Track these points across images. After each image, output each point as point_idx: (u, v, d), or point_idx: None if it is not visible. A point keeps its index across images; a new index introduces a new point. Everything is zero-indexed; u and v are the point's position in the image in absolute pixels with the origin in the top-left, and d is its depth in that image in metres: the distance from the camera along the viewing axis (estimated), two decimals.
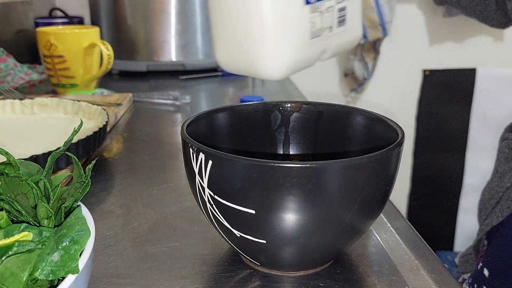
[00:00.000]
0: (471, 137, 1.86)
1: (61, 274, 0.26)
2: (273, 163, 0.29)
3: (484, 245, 0.63)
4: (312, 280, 0.35)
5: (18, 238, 0.26)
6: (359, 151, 0.41)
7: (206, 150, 0.31)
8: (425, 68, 1.80)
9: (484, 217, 0.64)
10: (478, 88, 1.80)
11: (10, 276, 0.25)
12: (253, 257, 0.35)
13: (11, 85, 0.94)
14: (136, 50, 1.05)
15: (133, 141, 0.67)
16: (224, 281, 0.35)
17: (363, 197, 0.31)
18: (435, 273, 0.36)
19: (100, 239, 0.41)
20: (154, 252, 0.39)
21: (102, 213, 0.46)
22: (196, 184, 0.33)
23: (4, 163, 0.31)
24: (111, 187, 0.52)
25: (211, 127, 0.41)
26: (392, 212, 0.46)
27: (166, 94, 0.87)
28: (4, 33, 1.07)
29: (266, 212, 0.31)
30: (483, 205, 0.66)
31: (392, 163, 0.32)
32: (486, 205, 0.65)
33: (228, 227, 0.33)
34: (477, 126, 1.84)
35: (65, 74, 0.86)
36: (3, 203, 0.29)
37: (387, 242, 0.41)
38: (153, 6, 1.02)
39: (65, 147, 0.31)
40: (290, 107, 0.43)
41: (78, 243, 0.27)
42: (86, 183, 0.31)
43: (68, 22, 1.20)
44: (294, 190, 0.29)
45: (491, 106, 1.81)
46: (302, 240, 0.32)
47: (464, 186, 1.91)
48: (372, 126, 0.40)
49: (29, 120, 0.67)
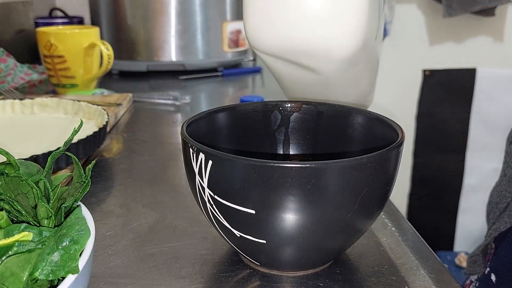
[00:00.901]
0: (471, 137, 1.86)
1: (61, 274, 0.26)
2: (272, 163, 0.29)
3: (492, 249, 0.63)
4: (311, 280, 0.35)
5: (18, 238, 0.26)
6: (359, 151, 0.41)
7: (206, 150, 0.31)
8: (425, 68, 1.80)
9: (492, 221, 0.64)
10: (478, 88, 1.80)
11: (10, 276, 0.25)
12: (253, 257, 0.35)
13: (11, 85, 0.94)
14: (136, 50, 1.05)
15: (133, 141, 0.67)
16: (224, 281, 0.35)
17: (363, 197, 0.31)
18: (435, 273, 0.36)
19: (100, 239, 0.41)
20: (154, 252, 0.39)
21: (102, 213, 0.46)
22: (196, 184, 0.33)
23: (4, 163, 0.31)
24: (111, 187, 0.52)
25: (211, 127, 0.41)
26: (392, 212, 0.46)
27: (166, 94, 0.87)
28: (4, 33, 1.07)
29: (266, 212, 0.31)
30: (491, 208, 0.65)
31: (392, 163, 0.32)
32: (494, 209, 0.64)
33: (228, 227, 0.33)
34: (477, 126, 1.84)
35: (65, 74, 0.86)
36: (3, 203, 0.29)
37: (387, 242, 0.41)
38: (153, 6, 1.02)
39: (65, 147, 0.31)
40: (290, 107, 0.43)
41: (78, 243, 0.27)
42: (86, 183, 0.31)
43: (68, 22, 1.20)
44: (294, 190, 0.30)
45: (491, 106, 1.81)
46: (302, 240, 0.32)
47: (464, 186, 1.91)
48: (372, 126, 0.40)
49: (29, 120, 0.67)
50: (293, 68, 0.49)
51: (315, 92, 0.54)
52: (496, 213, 0.63)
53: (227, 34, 1.08)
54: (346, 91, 0.54)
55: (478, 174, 1.88)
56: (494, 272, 0.58)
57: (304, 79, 0.51)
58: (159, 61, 1.05)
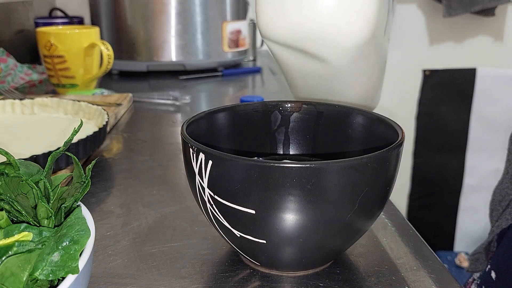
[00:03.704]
0: (471, 137, 1.86)
1: (61, 274, 0.26)
2: (272, 163, 0.29)
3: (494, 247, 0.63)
4: (312, 280, 0.35)
5: (18, 238, 0.26)
6: (359, 151, 0.41)
7: (206, 150, 0.31)
8: (425, 68, 1.80)
9: (495, 219, 0.64)
10: (478, 88, 1.80)
11: (10, 276, 0.25)
12: (253, 257, 0.35)
13: (11, 85, 0.94)
14: (136, 50, 1.05)
15: (133, 141, 0.67)
16: (224, 281, 0.35)
17: (363, 198, 0.31)
18: (435, 273, 0.36)
19: (100, 239, 0.41)
20: (154, 252, 0.39)
21: (102, 213, 0.46)
22: (196, 184, 0.33)
23: (4, 163, 0.31)
24: (111, 187, 0.52)
25: (211, 127, 0.41)
26: (392, 212, 0.46)
27: (166, 94, 0.87)
28: (4, 33, 1.07)
29: (266, 212, 0.31)
30: (494, 206, 0.65)
31: (392, 163, 0.32)
32: (497, 206, 0.64)
33: (228, 227, 0.33)
34: (477, 126, 1.84)
35: (65, 74, 0.86)
36: (3, 203, 0.29)
37: (387, 242, 0.41)
38: (153, 6, 1.02)
39: (65, 147, 0.31)
40: (290, 107, 0.43)
41: (78, 243, 0.27)
42: (86, 183, 0.31)
43: (68, 22, 1.20)
44: (293, 190, 0.30)
45: (491, 106, 1.81)
46: (302, 240, 0.32)
47: (464, 186, 1.91)
48: (372, 126, 0.40)
49: (29, 120, 0.67)
50: (302, 58, 0.49)
51: (322, 86, 0.54)
52: (499, 211, 0.63)
53: (227, 34, 1.08)
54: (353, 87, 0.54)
55: (478, 174, 1.88)
56: (494, 269, 0.58)
57: (313, 70, 0.51)
58: (159, 61, 1.05)
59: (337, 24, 0.44)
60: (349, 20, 0.44)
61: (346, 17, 0.43)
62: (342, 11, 0.43)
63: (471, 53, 1.78)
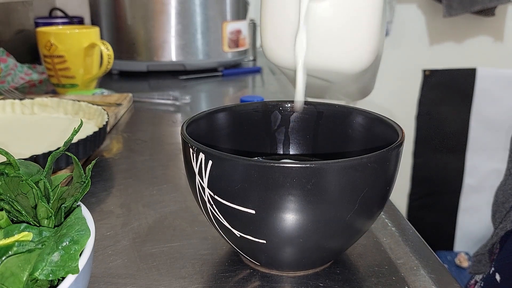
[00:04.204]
0: (471, 137, 1.86)
1: (61, 274, 0.26)
2: (272, 163, 0.29)
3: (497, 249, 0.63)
4: (312, 280, 0.35)
5: (18, 238, 0.26)
6: (359, 151, 0.41)
7: (206, 150, 0.31)
8: (425, 68, 1.80)
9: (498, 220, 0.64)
10: (478, 88, 1.80)
11: (10, 276, 0.25)
12: (253, 257, 0.35)
13: (11, 85, 0.94)
14: (136, 50, 1.05)
15: (133, 141, 0.67)
16: (224, 281, 0.35)
17: (363, 198, 0.31)
18: (435, 273, 0.36)
19: (100, 239, 0.41)
20: (154, 252, 0.39)
21: (102, 213, 0.46)
22: (196, 184, 0.33)
23: (4, 163, 0.31)
24: (111, 187, 0.52)
25: (211, 127, 0.41)
26: (392, 212, 0.46)
27: (166, 94, 0.87)
28: (4, 33, 1.07)
29: (266, 212, 0.31)
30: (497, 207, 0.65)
31: (392, 163, 0.32)
32: (500, 208, 0.64)
33: (228, 227, 0.33)
34: (477, 126, 1.84)
35: (65, 74, 0.86)
36: (3, 203, 0.29)
37: (387, 242, 0.41)
38: (153, 6, 1.02)
39: (65, 147, 0.31)
40: (290, 107, 0.43)
41: (78, 243, 0.27)
42: (86, 183, 0.31)
43: (68, 22, 1.20)
44: (293, 190, 0.29)
45: (490, 106, 1.81)
46: (302, 240, 0.32)
47: (464, 186, 1.91)
48: (372, 126, 0.40)
49: (29, 120, 0.67)
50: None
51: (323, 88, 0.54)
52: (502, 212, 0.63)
53: (227, 34, 1.08)
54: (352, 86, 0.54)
55: (478, 174, 1.88)
56: (499, 272, 0.57)
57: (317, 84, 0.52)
58: (159, 61, 1.05)
59: (339, 56, 0.44)
60: (351, 48, 0.43)
61: (347, 46, 0.43)
62: (343, 40, 0.43)
63: (471, 53, 1.78)
